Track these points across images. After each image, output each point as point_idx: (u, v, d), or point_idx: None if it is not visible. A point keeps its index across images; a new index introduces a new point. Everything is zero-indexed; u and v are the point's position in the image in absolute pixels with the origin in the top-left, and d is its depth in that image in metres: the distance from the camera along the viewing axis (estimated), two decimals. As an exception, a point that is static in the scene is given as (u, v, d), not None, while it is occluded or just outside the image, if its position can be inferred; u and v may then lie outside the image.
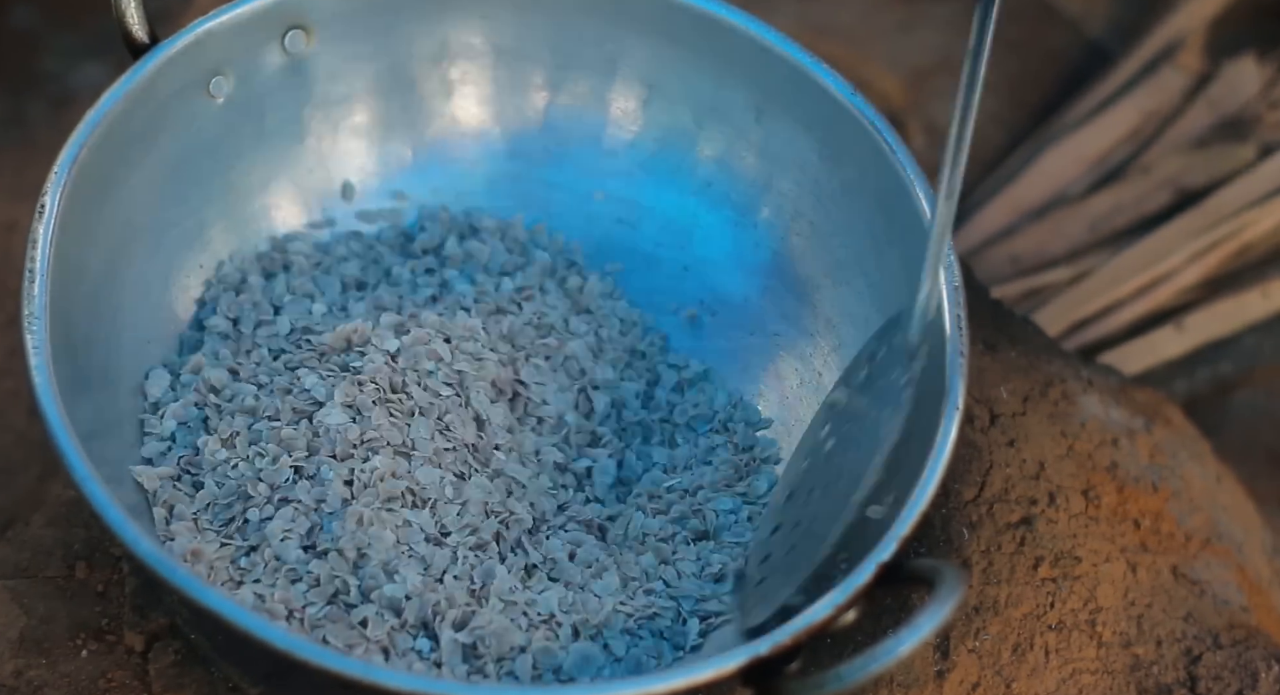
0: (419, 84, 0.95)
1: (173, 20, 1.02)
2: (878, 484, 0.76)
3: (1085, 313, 1.19)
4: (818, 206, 0.91)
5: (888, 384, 0.79)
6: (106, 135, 0.82)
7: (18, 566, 0.87)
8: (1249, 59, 1.30)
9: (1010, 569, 0.88)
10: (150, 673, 0.83)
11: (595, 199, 0.96)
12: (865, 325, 0.88)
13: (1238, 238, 1.21)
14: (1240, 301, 1.20)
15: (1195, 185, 1.24)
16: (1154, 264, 1.20)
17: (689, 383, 0.92)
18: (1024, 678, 0.85)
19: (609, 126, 0.96)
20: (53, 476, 0.93)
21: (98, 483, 0.73)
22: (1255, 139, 1.26)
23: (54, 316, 0.77)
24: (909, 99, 1.31)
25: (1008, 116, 1.32)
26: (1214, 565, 0.92)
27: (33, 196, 0.79)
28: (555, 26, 0.94)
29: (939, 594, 0.70)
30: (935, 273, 0.79)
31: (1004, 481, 0.91)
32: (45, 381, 0.75)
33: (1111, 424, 0.95)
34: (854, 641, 0.81)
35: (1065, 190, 1.26)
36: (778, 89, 0.91)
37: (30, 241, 0.78)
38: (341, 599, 0.79)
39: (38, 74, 1.21)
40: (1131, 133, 1.28)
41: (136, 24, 0.84)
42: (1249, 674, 0.88)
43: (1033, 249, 1.23)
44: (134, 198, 0.85)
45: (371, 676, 0.70)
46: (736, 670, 0.71)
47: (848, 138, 0.88)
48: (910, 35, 1.36)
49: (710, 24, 0.91)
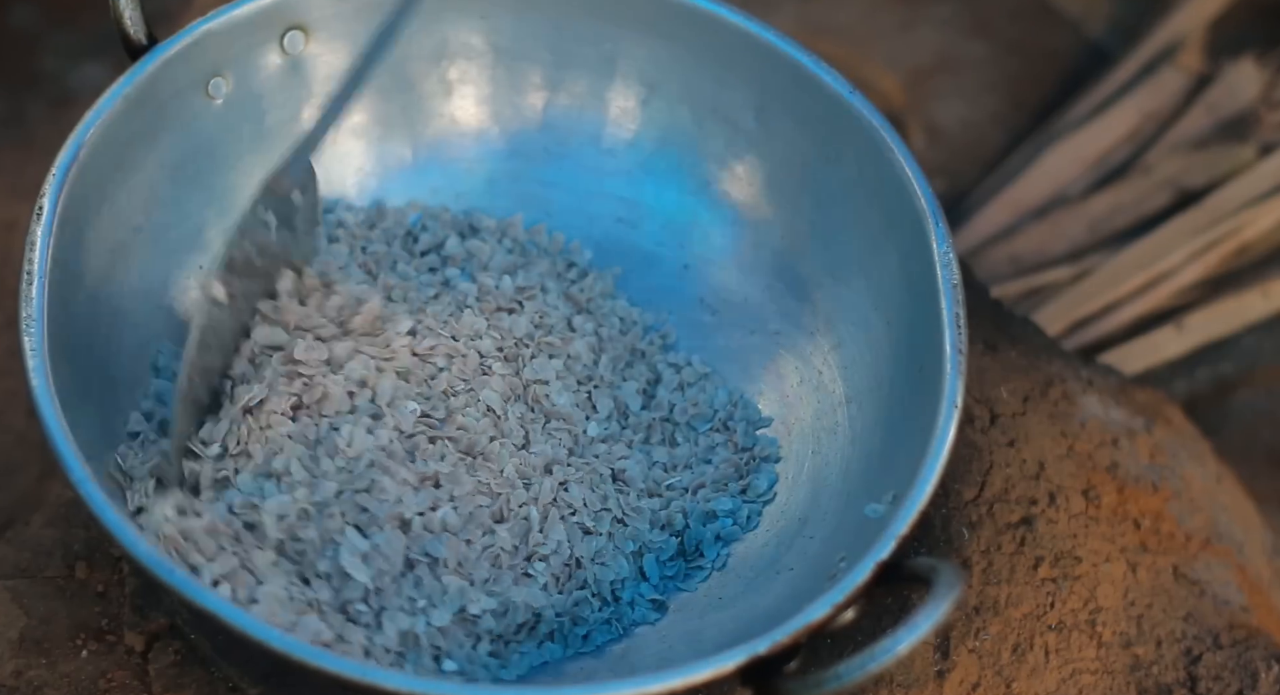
0: (418, 84, 0.95)
1: (171, 21, 1.02)
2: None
3: (1085, 312, 1.19)
4: (818, 206, 0.91)
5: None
6: (106, 136, 0.82)
7: (18, 566, 0.87)
8: (1248, 60, 1.30)
9: (1010, 569, 0.88)
10: (150, 673, 0.83)
11: (595, 198, 0.96)
12: (865, 324, 0.88)
13: (1237, 236, 1.21)
14: (1240, 301, 1.20)
15: (1195, 186, 1.24)
16: (1154, 263, 1.20)
17: (689, 382, 0.92)
18: (1024, 678, 0.85)
19: (608, 126, 0.96)
20: (52, 477, 0.93)
21: (96, 485, 0.73)
22: (1255, 140, 1.26)
23: (52, 318, 0.77)
24: (909, 99, 1.31)
25: (1008, 116, 1.32)
26: (1214, 565, 0.92)
27: (32, 196, 0.79)
28: (554, 26, 0.94)
29: (937, 592, 0.70)
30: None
31: (1004, 481, 0.91)
32: (43, 384, 0.75)
33: (1112, 424, 0.95)
34: (853, 641, 0.81)
35: (1065, 190, 1.26)
36: (778, 88, 0.91)
37: (29, 243, 0.78)
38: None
39: (38, 74, 1.21)
40: (1131, 133, 1.28)
41: (134, 25, 0.84)
42: (1249, 674, 0.88)
43: (1033, 249, 1.23)
44: (133, 198, 0.85)
45: (370, 677, 0.70)
46: (735, 669, 0.71)
47: (848, 137, 0.88)
48: (910, 35, 1.36)
49: (710, 24, 0.91)
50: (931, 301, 0.82)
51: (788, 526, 0.86)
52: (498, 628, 0.80)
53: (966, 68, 1.35)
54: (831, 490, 0.86)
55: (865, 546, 0.75)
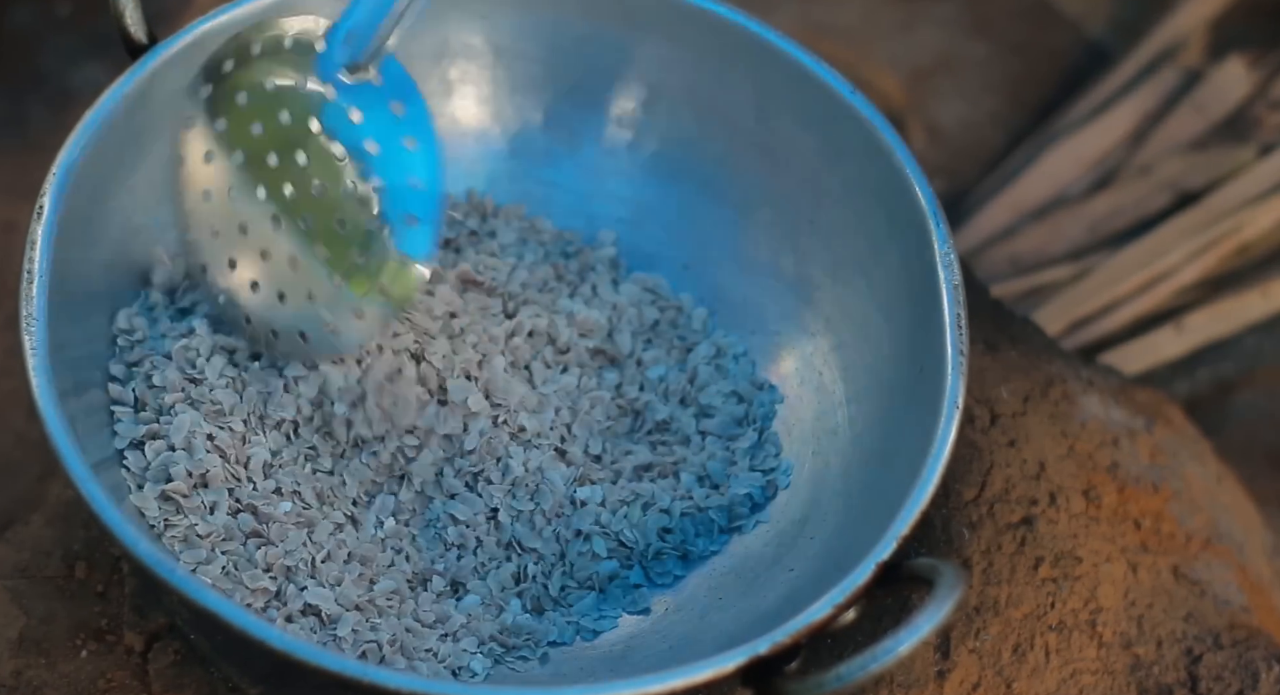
0: (418, 84, 0.95)
1: (172, 20, 1.02)
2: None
3: (1085, 312, 1.19)
4: (818, 206, 0.91)
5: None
6: (106, 135, 0.82)
7: (17, 566, 0.87)
8: (1236, 60, 1.29)
9: (1010, 569, 0.88)
10: (150, 673, 0.83)
11: (595, 199, 0.96)
12: (865, 324, 0.88)
13: (1237, 236, 1.21)
14: (1240, 301, 1.20)
15: (1195, 187, 1.24)
16: (1153, 262, 1.20)
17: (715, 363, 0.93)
18: (1024, 678, 0.85)
19: (609, 126, 0.96)
20: (52, 476, 0.93)
21: (96, 484, 0.73)
22: (1256, 141, 1.26)
23: (53, 318, 0.77)
24: (909, 98, 1.31)
25: (1008, 116, 1.32)
26: (1215, 565, 0.92)
27: (33, 196, 0.79)
28: (555, 26, 0.94)
29: (938, 593, 0.70)
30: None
31: (1004, 481, 0.91)
32: (44, 383, 0.75)
33: (1112, 424, 0.95)
34: (854, 641, 0.81)
35: (1065, 191, 1.26)
36: (778, 88, 0.91)
37: (29, 242, 0.78)
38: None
39: (38, 74, 1.21)
40: (1132, 134, 1.28)
41: (135, 25, 0.84)
42: (1250, 674, 0.88)
43: (1033, 249, 1.23)
44: (134, 198, 0.85)
45: (371, 676, 0.70)
46: (735, 670, 0.71)
47: (848, 137, 0.88)
48: (910, 35, 1.36)
49: (710, 24, 0.91)
50: (933, 302, 0.82)
51: (788, 527, 0.86)
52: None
53: (967, 68, 1.35)
54: (832, 491, 0.86)
55: (865, 547, 0.75)
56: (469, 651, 0.81)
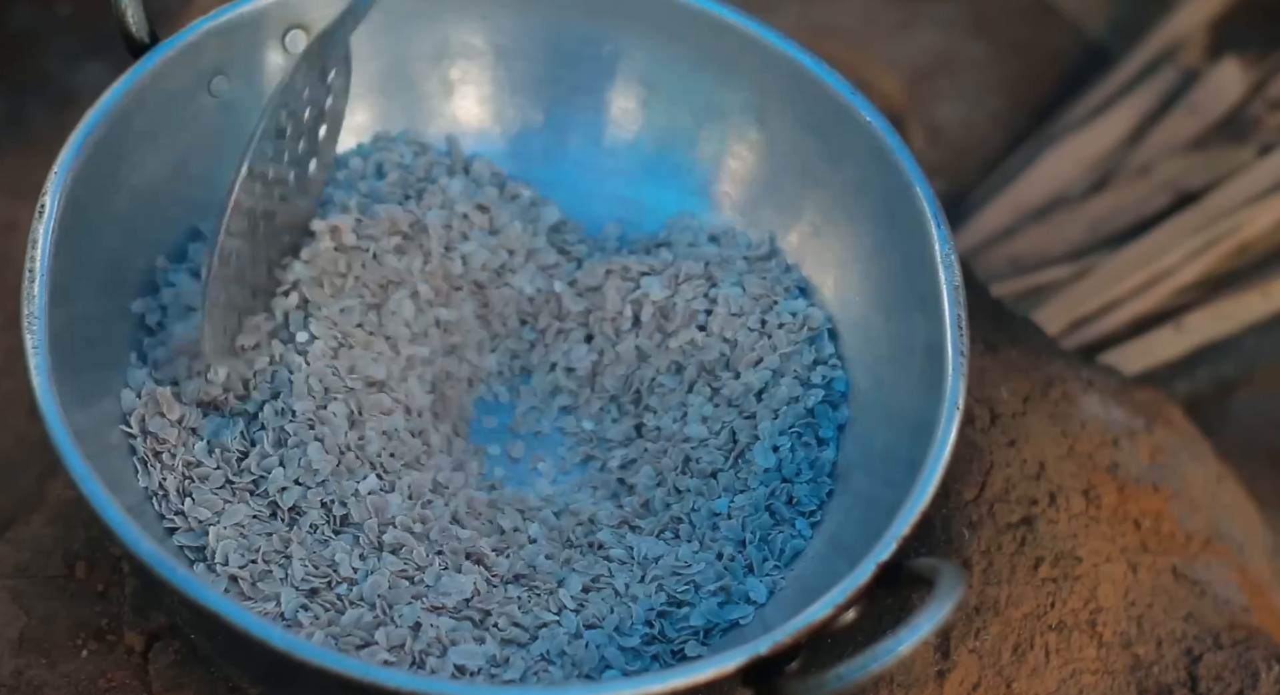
0: (419, 84, 0.95)
1: (173, 20, 1.02)
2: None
3: (1085, 312, 1.19)
4: (818, 206, 0.91)
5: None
6: (106, 135, 0.82)
7: (18, 566, 0.87)
8: (1232, 61, 1.30)
9: (1011, 569, 0.88)
10: (150, 673, 0.83)
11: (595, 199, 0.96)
12: (865, 325, 0.88)
13: (1236, 235, 1.21)
14: (1240, 301, 1.20)
15: (1195, 187, 1.24)
16: (1153, 262, 1.20)
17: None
18: (1024, 678, 0.85)
19: (609, 126, 0.96)
20: (52, 476, 0.93)
21: (98, 483, 0.73)
22: (1255, 141, 1.26)
23: (54, 317, 0.77)
24: (909, 99, 1.32)
25: (1008, 116, 1.32)
26: (1215, 565, 0.92)
27: (33, 196, 0.79)
28: (555, 26, 0.94)
29: (938, 593, 0.70)
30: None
31: (1004, 481, 0.91)
32: (45, 382, 0.75)
33: (1112, 424, 0.95)
34: (854, 641, 0.81)
35: (1065, 191, 1.26)
36: (778, 89, 0.91)
37: (30, 241, 0.78)
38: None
39: (38, 74, 1.21)
40: (1131, 134, 1.28)
41: (136, 24, 0.84)
42: (1250, 674, 0.88)
43: (1033, 249, 1.23)
44: (134, 198, 0.85)
45: (371, 676, 0.70)
46: (736, 670, 0.71)
47: (848, 137, 0.88)
48: (910, 35, 1.36)
49: (710, 24, 0.91)
50: (933, 303, 0.82)
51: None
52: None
53: (967, 68, 1.35)
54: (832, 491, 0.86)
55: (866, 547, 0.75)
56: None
